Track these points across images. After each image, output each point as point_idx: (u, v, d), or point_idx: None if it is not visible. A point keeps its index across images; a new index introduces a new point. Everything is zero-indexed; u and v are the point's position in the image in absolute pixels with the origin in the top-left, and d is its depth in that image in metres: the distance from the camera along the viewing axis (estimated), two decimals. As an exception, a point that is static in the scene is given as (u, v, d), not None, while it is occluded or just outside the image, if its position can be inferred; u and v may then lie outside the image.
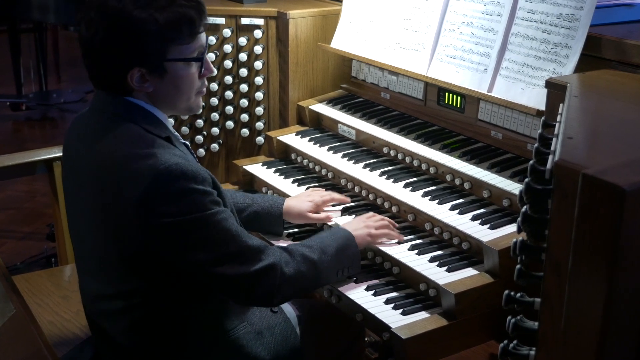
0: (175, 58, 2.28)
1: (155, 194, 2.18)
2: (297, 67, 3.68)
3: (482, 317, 2.51)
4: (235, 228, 2.29)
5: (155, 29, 2.21)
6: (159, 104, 2.35)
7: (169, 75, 2.30)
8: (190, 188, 2.20)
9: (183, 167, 2.20)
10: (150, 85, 2.30)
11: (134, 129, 2.28)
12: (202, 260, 2.25)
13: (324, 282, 2.58)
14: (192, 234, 2.22)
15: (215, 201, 2.26)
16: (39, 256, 4.93)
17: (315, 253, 2.50)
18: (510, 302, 1.83)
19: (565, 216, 1.51)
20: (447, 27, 3.16)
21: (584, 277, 1.47)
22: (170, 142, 2.31)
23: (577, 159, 1.56)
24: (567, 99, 2.14)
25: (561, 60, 2.72)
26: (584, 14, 2.68)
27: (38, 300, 3.15)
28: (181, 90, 2.34)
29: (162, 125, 2.34)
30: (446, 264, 2.61)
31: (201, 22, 2.30)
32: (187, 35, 2.27)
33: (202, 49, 2.34)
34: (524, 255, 1.77)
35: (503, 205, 2.75)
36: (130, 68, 2.25)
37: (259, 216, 2.92)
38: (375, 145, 3.31)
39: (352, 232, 2.67)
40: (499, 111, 2.97)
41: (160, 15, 2.21)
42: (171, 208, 2.18)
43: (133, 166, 2.20)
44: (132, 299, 2.34)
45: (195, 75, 2.35)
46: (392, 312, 2.53)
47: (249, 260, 2.30)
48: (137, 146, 2.23)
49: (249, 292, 2.35)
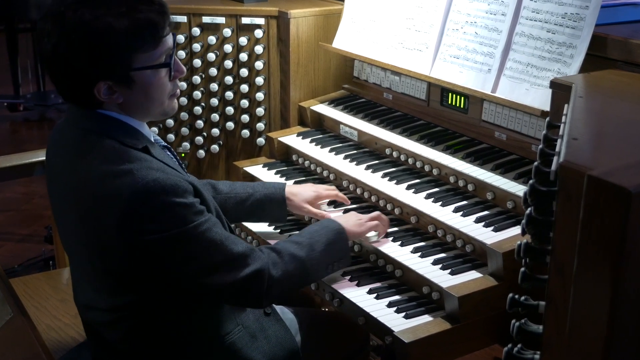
0: (141, 67, 2.21)
1: (136, 213, 2.15)
2: (299, 67, 3.68)
3: (485, 321, 2.51)
4: (219, 237, 2.27)
5: (116, 39, 2.14)
6: (132, 113, 2.29)
7: (138, 84, 2.23)
8: (171, 202, 2.16)
9: (162, 182, 2.16)
10: (120, 96, 2.23)
11: (109, 143, 2.22)
12: (189, 273, 2.25)
13: (312, 278, 2.60)
14: (177, 248, 2.21)
15: (198, 211, 2.23)
16: (37, 259, 4.93)
17: (303, 250, 2.50)
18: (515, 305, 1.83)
19: (570, 218, 1.51)
20: (450, 26, 3.16)
21: (589, 280, 1.47)
22: (148, 151, 2.26)
23: (582, 160, 1.56)
24: (572, 99, 2.14)
25: (566, 60, 2.72)
26: (589, 13, 2.68)
27: (36, 304, 3.15)
28: (152, 97, 2.28)
29: (138, 134, 2.29)
30: (449, 266, 2.61)
31: (165, 24, 2.22)
32: (150, 41, 2.19)
33: (170, 52, 2.27)
34: (529, 257, 1.77)
35: (507, 207, 2.75)
36: (96, 82, 2.19)
37: (262, 204, 2.91)
38: (378, 146, 3.32)
39: (344, 224, 2.67)
40: (503, 112, 2.97)
41: (119, 23, 2.13)
42: (153, 225, 2.16)
43: (110, 185, 2.16)
44: (123, 311, 2.34)
45: (166, 80, 2.28)
46: (395, 316, 2.53)
47: (236, 267, 2.30)
48: (112, 162, 2.18)
49: (238, 298, 2.38)
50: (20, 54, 7.83)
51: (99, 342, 2.47)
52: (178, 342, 2.39)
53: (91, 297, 2.40)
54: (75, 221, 2.29)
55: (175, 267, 2.24)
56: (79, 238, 2.31)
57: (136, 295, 2.30)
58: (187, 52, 3.72)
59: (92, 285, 2.37)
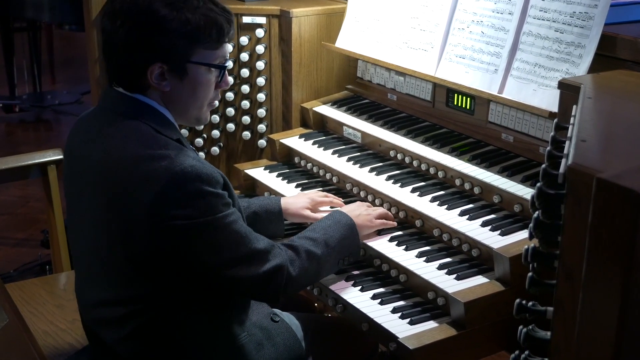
0: (199, 61, 2.34)
1: (170, 196, 2.22)
2: (301, 67, 3.69)
3: (492, 327, 2.51)
4: (244, 230, 2.34)
5: (185, 29, 2.27)
6: (172, 107, 2.38)
7: (189, 78, 2.35)
8: (205, 191, 2.24)
9: (198, 169, 2.23)
10: (168, 85, 2.34)
11: (145, 128, 2.31)
12: (213, 263, 2.31)
13: (325, 273, 2.67)
14: (203, 237, 2.27)
15: (226, 203, 2.31)
16: (33, 263, 4.94)
17: (319, 247, 2.56)
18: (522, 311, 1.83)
19: (578, 222, 1.51)
20: (456, 25, 3.16)
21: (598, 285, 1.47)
22: (182, 144, 2.34)
23: (591, 162, 1.56)
24: (581, 100, 2.14)
25: (574, 60, 2.72)
26: (598, 12, 2.69)
27: (32, 309, 3.15)
28: (197, 96, 2.40)
29: (173, 126, 2.38)
30: (455, 271, 2.61)
31: (229, 32, 2.37)
32: (214, 40, 2.34)
33: (224, 60, 2.41)
34: (536, 262, 1.77)
35: (514, 211, 2.75)
36: (153, 63, 2.29)
37: (259, 216, 2.94)
38: (382, 148, 3.32)
39: (354, 218, 2.75)
40: (510, 113, 2.97)
41: (192, 15, 2.28)
42: (184, 211, 2.23)
43: (146, 167, 2.23)
44: (133, 305, 2.36)
45: (213, 84, 2.42)
46: (399, 322, 2.53)
47: (258, 262, 2.36)
48: (149, 147, 2.26)
49: (258, 292, 2.44)
50: (16, 53, 7.84)
51: (100, 347, 2.47)
52: (182, 345, 2.40)
53: (100, 292, 2.41)
54: (100, 207, 2.32)
55: (199, 256, 2.29)
56: (102, 225, 2.33)
57: (150, 287, 2.34)
58: (186, 52, 3.72)
59: (107, 276, 2.39)
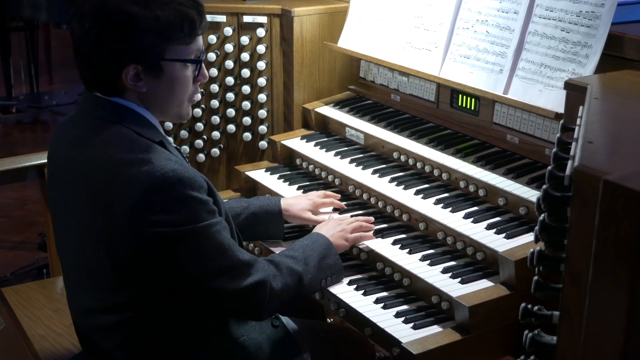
0: (173, 58, 2.32)
1: (151, 201, 2.20)
2: (303, 67, 3.69)
3: (497, 332, 2.51)
4: (227, 241, 2.33)
5: (155, 26, 2.25)
6: (151, 106, 2.37)
7: (165, 76, 2.33)
8: (187, 195, 2.22)
9: (180, 173, 2.22)
10: (145, 85, 2.32)
11: (126, 132, 2.30)
12: (193, 273, 2.30)
13: (307, 292, 2.65)
14: (185, 245, 2.26)
15: (210, 211, 2.29)
16: (30, 267, 4.94)
17: (300, 264, 2.56)
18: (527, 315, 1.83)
19: (585, 225, 1.51)
20: (460, 25, 3.17)
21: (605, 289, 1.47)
22: (164, 146, 2.33)
23: (598, 164, 1.56)
24: (588, 101, 2.14)
25: (581, 60, 2.72)
26: (605, 11, 2.69)
27: (29, 314, 3.16)
28: (175, 93, 2.38)
29: (154, 129, 2.36)
30: (459, 275, 2.61)
31: (201, 23, 2.34)
32: (187, 35, 2.32)
33: (200, 53, 2.39)
34: (542, 266, 1.77)
35: (520, 214, 2.75)
36: (126, 64, 2.27)
37: (258, 217, 2.94)
38: (385, 150, 3.32)
39: (329, 237, 2.74)
40: (516, 114, 2.98)
41: (161, 12, 2.25)
42: (167, 217, 2.21)
43: (127, 172, 2.21)
44: (125, 313, 2.35)
45: (190, 79, 2.39)
46: (403, 326, 2.53)
47: (240, 275, 2.35)
48: (130, 151, 2.25)
49: (240, 307, 2.42)
50: (13, 53, 7.85)
51: (95, 353, 2.47)
52: (178, 350, 2.40)
53: (90, 300, 2.41)
54: (83, 213, 2.32)
55: (180, 265, 2.28)
56: (86, 232, 2.33)
57: (139, 294, 2.33)
58: (186, 52, 3.72)
59: (93, 284, 2.38)
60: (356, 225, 2.86)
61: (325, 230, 2.80)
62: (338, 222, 2.86)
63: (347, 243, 2.81)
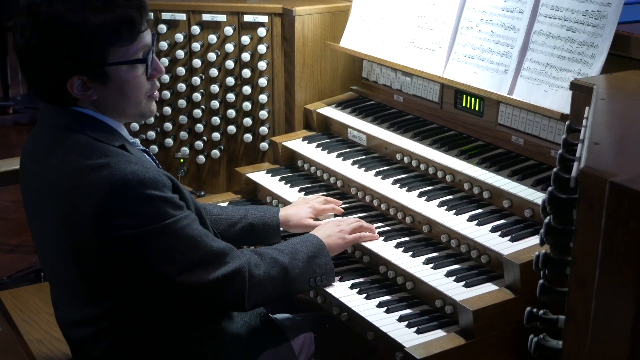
0: (116, 61, 2.26)
1: (113, 206, 2.19)
2: (304, 67, 3.69)
3: (502, 336, 2.51)
4: (198, 233, 2.32)
5: (91, 32, 2.19)
6: (107, 111, 2.33)
7: (113, 81, 2.28)
8: (150, 196, 2.21)
9: (140, 174, 2.20)
10: (94, 93, 2.28)
11: (84, 139, 2.27)
12: (167, 271, 2.29)
13: (296, 289, 2.64)
14: (155, 244, 2.25)
15: (177, 206, 2.28)
16: (27, 270, 4.94)
17: (286, 257, 2.56)
18: (533, 319, 1.83)
19: (591, 227, 1.51)
20: (464, 24, 3.17)
21: (611, 293, 1.47)
22: (125, 149, 2.30)
23: (604, 166, 1.57)
24: (594, 101, 2.14)
25: (587, 60, 2.72)
26: (611, 10, 2.69)
27: (26, 318, 3.15)
28: (128, 95, 2.32)
29: (114, 133, 2.33)
30: (464, 278, 2.61)
31: (142, 20, 2.28)
32: (127, 36, 2.25)
33: (148, 48, 2.32)
34: (548, 269, 1.78)
35: (525, 216, 2.75)
36: (69, 76, 2.23)
37: (255, 228, 2.93)
38: (388, 151, 3.32)
39: (325, 239, 2.73)
40: (521, 115, 2.98)
41: (96, 17, 2.19)
42: (131, 220, 2.21)
43: (86, 179, 2.20)
44: (101, 324, 2.35)
45: (143, 78, 2.33)
46: (406, 331, 2.53)
47: (215, 265, 2.34)
48: (88, 157, 2.23)
49: (219, 298, 2.40)
50: (10, 53, 7.84)
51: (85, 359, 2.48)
52: (164, 351, 2.41)
53: (70, 311, 2.42)
54: (50, 226, 2.32)
55: (153, 265, 2.27)
56: (55, 244, 2.33)
57: (113, 301, 2.33)
58: (186, 52, 3.73)
59: (69, 296, 2.39)
60: (356, 225, 2.86)
61: (323, 230, 2.80)
62: (337, 223, 2.85)
63: (345, 243, 2.80)
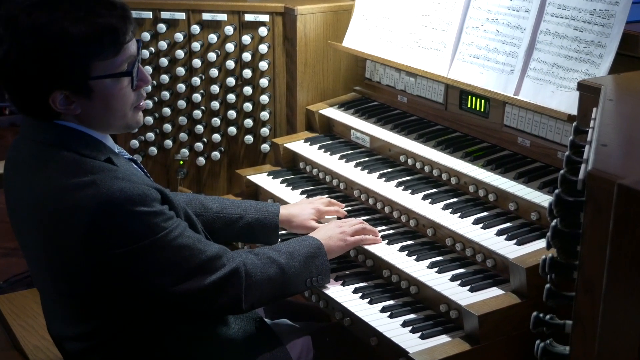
0: (100, 75, 2.21)
1: (101, 227, 2.16)
2: (306, 67, 3.69)
3: (508, 341, 2.51)
4: (191, 241, 2.31)
5: (72, 46, 2.13)
6: (92, 125, 2.28)
7: (97, 94, 2.23)
8: (139, 212, 2.18)
9: (128, 191, 2.17)
10: (78, 107, 2.23)
11: (67, 155, 2.22)
12: (163, 283, 2.28)
13: (292, 289, 2.64)
14: (148, 259, 2.24)
15: (167, 217, 2.26)
16: (23, 274, 4.94)
17: (282, 257, 2.56)
18: (539, 324, 1.83)
19: (599, 230, 1.51)
20: (469, 24, 3.17)
21: (619, 297, 1.47)
22: (112, 162, 2.26)
23: (612, 168, 1.56)
24: (601, 102, 2.14)
25: (594, 60, 2.72)
26: (619, 9, 2.69)
27: (22, 323, 3.16)
28: (113, 109, 2.27)
29: (100, 145, 2.28)
30: (469, 283, 2.61)
31: (127, 30, 2.22)
32: (110, 48, 2.19)
33: (133, 59, 2.26)
34: (554, 273, 1.77)
35: (531, 219, 2.75)
36: (51, 91, 2.18)
37: (253, 228, 2.93)
38: (392, 153, 3.32)
39: (324, 240, 2.74)
40: (527, 116, 2.98)
41: (76, 28, 2.12)
42: (121, 238, 2.18)
43: (72, 198, 2.16)
44: (94, 339, 2.35)
45: (128, 90, 2.28)
46: (410, 336, 2.53)
47: (211, 269, 2.34)
48: (73, 175, 2.19)
49: (215, 302, 2.39)
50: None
51: None
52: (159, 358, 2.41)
53: (60, 327, 2.42)
54: (37, 243, 2.29)
55: (148, 279, 2.26)
56: (43, 262, 2.31)
57: (103, 320, 2.32)
58: (185, 52, 3.74)
59: (61, 312, 2.39)
60: (358, 227, 2.86)
61: (324, 231, 2.80)
62: (339, 224, 2.86)
63: (346, 245, 2.80)
